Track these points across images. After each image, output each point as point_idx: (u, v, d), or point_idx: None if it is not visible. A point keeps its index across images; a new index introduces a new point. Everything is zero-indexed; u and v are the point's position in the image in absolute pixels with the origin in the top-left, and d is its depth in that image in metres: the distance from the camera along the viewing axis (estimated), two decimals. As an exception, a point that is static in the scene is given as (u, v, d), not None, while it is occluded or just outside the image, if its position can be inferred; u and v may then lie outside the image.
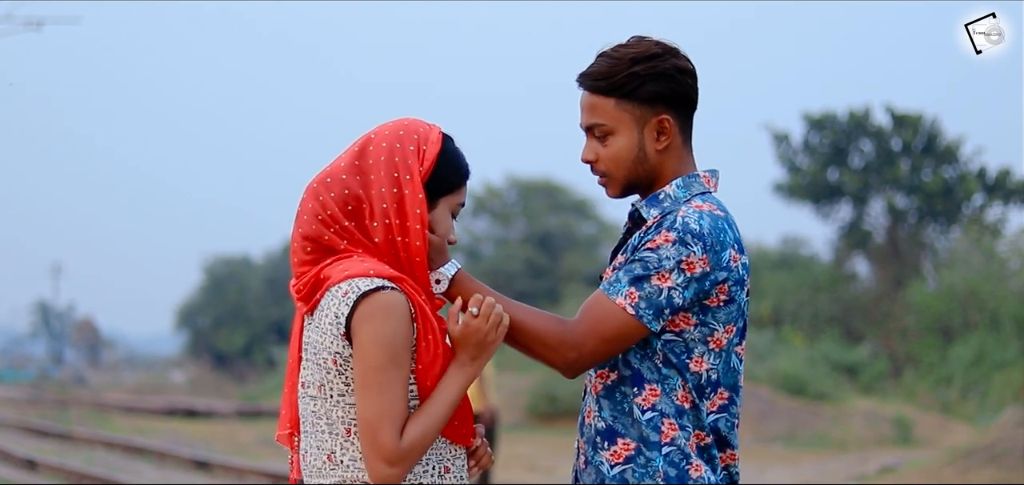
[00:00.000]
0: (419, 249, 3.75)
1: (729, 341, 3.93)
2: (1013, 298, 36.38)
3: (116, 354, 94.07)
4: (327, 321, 3.68)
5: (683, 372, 3.87)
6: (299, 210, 3.81)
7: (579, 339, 3.85)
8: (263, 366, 64.91)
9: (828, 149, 45.35)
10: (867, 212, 45.69)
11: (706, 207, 3.89)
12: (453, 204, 3.87)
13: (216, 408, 39.24)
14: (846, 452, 26.72)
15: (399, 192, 3.74)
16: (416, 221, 3.74)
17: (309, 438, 3.80)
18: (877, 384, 35.82)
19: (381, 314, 3.62)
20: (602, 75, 3.93)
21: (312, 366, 3.75)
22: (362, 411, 3.65)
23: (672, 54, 3.96)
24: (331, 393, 3.72)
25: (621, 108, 3.93)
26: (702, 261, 3.82)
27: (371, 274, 3.66)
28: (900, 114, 44.59)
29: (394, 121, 3.87)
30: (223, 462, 21.13)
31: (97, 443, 25.47)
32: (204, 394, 52.00)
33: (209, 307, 73.78)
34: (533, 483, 20.44)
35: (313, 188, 3.80)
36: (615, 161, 3.97)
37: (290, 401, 3.91)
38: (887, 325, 41.04)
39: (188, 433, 29.96)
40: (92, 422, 32.32)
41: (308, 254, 3.77)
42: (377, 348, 3.61)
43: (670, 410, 3.87)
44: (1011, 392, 30.92)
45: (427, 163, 3.79)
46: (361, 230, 3.76)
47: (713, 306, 3.87)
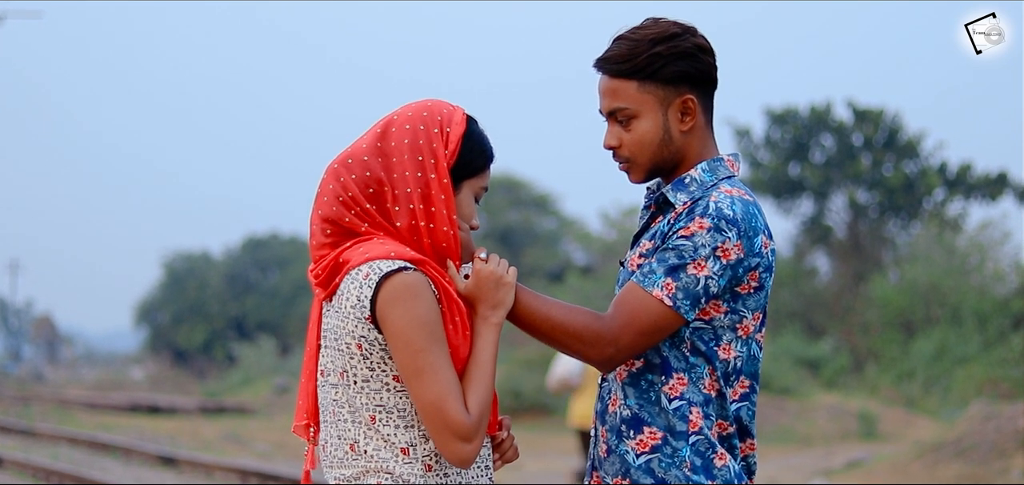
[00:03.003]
0: (446, 235, 3.67)
1: (754, 328, 3.89)
2: (974, 293, 36.56)
3: (75, 351, 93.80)
4: (349, 304, 3.58)
5: (712, 360, 3.81)
6: (319, 191, 3.72)
7: (616, 333, 3.78)
8: (223, 362, 64.77)
9: (789, 144, 45.48)
10: (828, 207, 45.87)
11: (736, 192, 3.83)
12: (477, 187, 3.79)
13: (179, 404, 39.09)
14: (811, 447, 26.78)
15: (424, 177, 3.66)
16: (443, 207, 3.66)
17: (329, 428, 3.70)
18: (839, 379, 35.93)
19: (408, 295, 3.53)
20: (623, 58, 3.87)
21: (332, 352, 3.65)
22: (422, 396, 3.54)
23: (691, 33, 3.90)
24: (355, 379, 3.62)
25: (644, 90, 3.87)
26: (737, 247, 3.76)
27: (392, 256, 3.57)
28: (861, 109, 44.77)
29: (417, 102, 3.77)
30: (190, 458, 21.02)
31: (61, 439, 25.28)
32: (165, 391, 51.82)
33: (168, 303, 73.53)
34: (499, 482, 20.39)
35: (334, 169, 3.71)
36: (640, 145, 3.90)
37: (308, 391, 3.80)
38: (848, 320, 41.18)
39: (152, 429, 29.79)
40: (55, 418, 32.12)
41: (327, 237, 3.68)
42: (415, 330, 3.52)
43: (697, 399, 3.81)
44: (973, 386, 31.10)
45: (452, 146, 3.71)
46: (383, 214, 3.67)
47: (743, 293, 3.83)
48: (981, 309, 35.31)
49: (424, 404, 3.55)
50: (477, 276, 3.71)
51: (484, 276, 3.72)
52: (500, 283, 3.73)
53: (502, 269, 3.75)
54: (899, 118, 44.70)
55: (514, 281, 3.78)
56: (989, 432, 20.21)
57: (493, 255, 3.77)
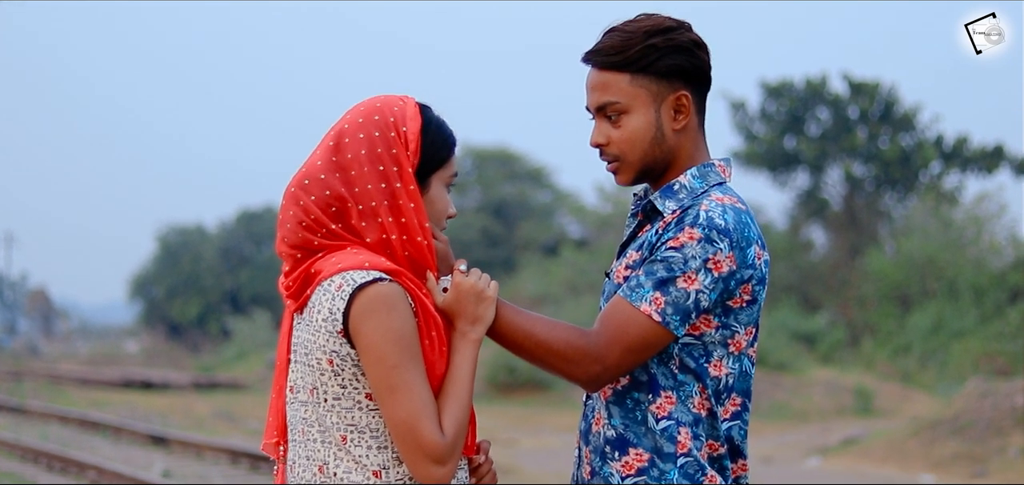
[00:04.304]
0: (420, 246, 3.47)
1: (747, 344, 3.68)
2: (970, 266, 36.53)
3: (70, 324, 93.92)
4: (321, 317, 3.37)
5: (702, 377, 3.61)
6: (281, 219, 3.51)
7: (602, 351, 3.54)
8: (217, 336, 64.83)
9: (785, 117, 45.38)
10: (824, 180, 45.80)
11: (728, 200, 3.61)
12: (446, 177, 3.58)
13: (172, 380, 39.04)
14: (807, 423, 26.70)
15: (389, 188, 3.45)
16: (413, 216, 3.46)
17: (297, 447, 3.50)
18: (835, 353, 35.89)
19: (383, 307, 3.32)
20: (615, 50, 3.65)
21: (303, 368, 3.45)
22: (393, 415, 3.34)
23: (686, 28, 3.69)
24: (325, 397, 3.41)
25: (637, 84, 3.65)
26: (729, 259, 3.54)
27: (366, 266, 3.36)
28: (857, 82, 44.64)
29: (365, 104, 3.54)
30: (181, 437, 20.91)
31: (52, 418, 25.25)
32: (158, 364, 51.83)
33: (163, 277, 73.48)
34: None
35: (292, 193, 3.49)
36: (630, 143, 3.68)
37: (277, 407, 3.60)
38: (844, 294, 41.14)
39: (144, 406, 29.71)
40: (47, 395, 32.08)
41: (298, 261, 3.49)
42: (390, 344, 3.32)
43: (686, 418, 3.60)
44: (970, 361, 31.07)
45: (412, 146, 3.49)
46: (350, 230, 3.46)
47: (735, 307, 3.61)
48: (977, 283, 35.25)
49: (396, 423, 3.35)
50: (457, 289, 3.52)
51: (464, 290, 3.52)
52: (481, 297, 3.53)
53: (483, 283, 3.55)
54: (895, 91, 44.59)
55: (495, 296, 3.57)
56: (986, 409, 20.12)
57: (474, 268, 3.58)
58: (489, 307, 3.55)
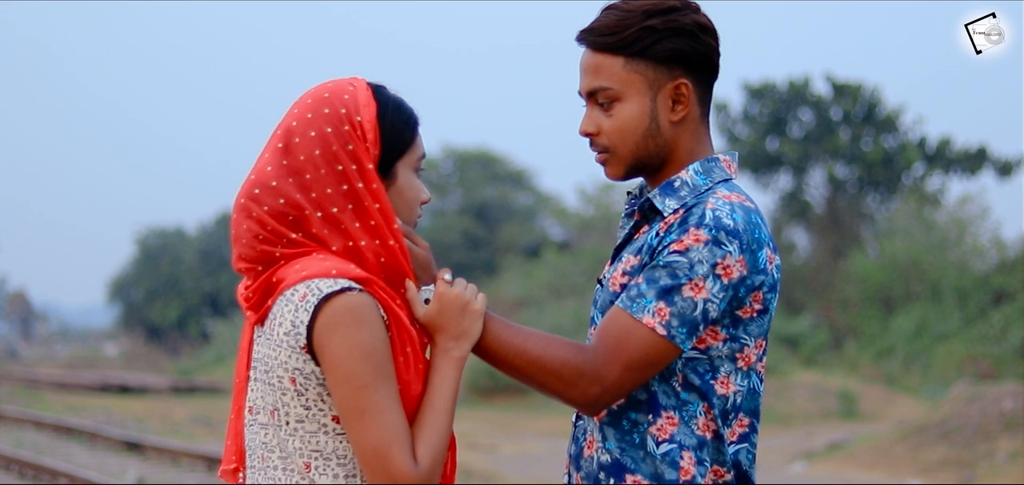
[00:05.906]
0: (392, 250, 3.11)
1: (756, 358, 3.33)
2: (954, 268, 36.42)
3: (49, 327, 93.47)
4: (282, 331, 3.01)
5: (707, 396, 3.24)
6: (235, 234, 3.14)
7: (600, 369, 3.16)
8: (197, 339, 64.55)
9: (767, 118, 45.19)
10: (807, 182, 45.63)
11: (736, 198, 3.24)
12: (413, 162, 3.21)
13: (150, 383, 38.71)
14: (792, 427, 26.44)
15: (350, 190, 3.08)
16: (380, 218, 3.10)
17: (257, 474, 3.12)
18: (818, 356, 35.70)
19: (351, 320, 2.95)
20: (610, 29, 3.27)
21: (263, 386, 3.08)
22: (362, 441, 2.97)
23: (692, 9, 3.30)
24: (287, 420, 3.05)
25: (631, 69, 3.27)
26: (739, 264, 3.17)
27: (334, 274, 3.00)
28: (840, 83, 44.49)
29: (312, 96, 3.17)
30: (156, 444, 20.59)
31: (27, 423, 24.94)
32: (138, 368, 51.55)
33: (142, 279, 73.16)
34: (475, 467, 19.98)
35: (242, 205, 3.13)
36: (621, 133, 3.30)
37: (235, 430, 3.23)
38: (827, 296, 40.97)
39: (121, 411, 29.38)
40: (23, 400, 31.74)
41: (259, 272, 3.12)
42: (359, 362, 2.95)
43: (690, 442, 3.23)
44: (953, 364, 30.95)
45: (370, 136, 3.12)
46: (312, 238, 3.09)
47: (745, 317, 3.24)
48: (961, 285, 35.10)
49: (364, 450, 2.99)
50: (440, 301, 3.16)
51: (449, 301, 3.16)
52: (466, 310, 3.17)
53: (470, 294, 3.19)
54: (878, 92, 44.41)
55: (483, 309, 3.20)
56: (973, 414, 19.91)
57: (459, 278, 3.21)
58: (475, 321, 3.18)
